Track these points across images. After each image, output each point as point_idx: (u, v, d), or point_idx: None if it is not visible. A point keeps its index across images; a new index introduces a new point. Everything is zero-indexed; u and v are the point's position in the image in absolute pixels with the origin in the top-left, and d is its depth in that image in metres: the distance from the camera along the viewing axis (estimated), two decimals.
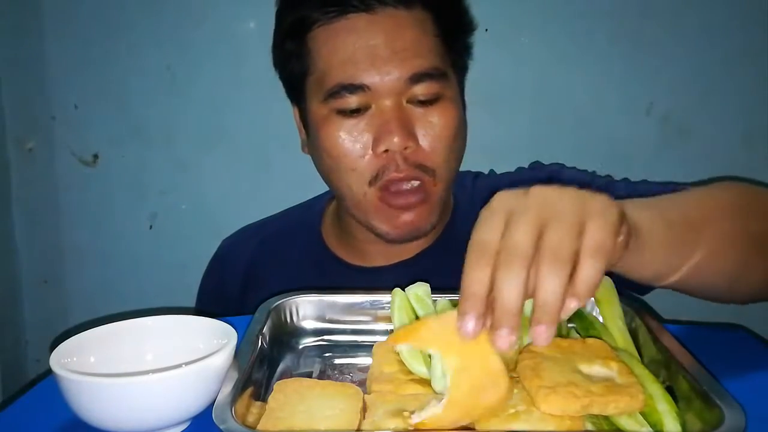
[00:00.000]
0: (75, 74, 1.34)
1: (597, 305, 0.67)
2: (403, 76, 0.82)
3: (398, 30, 0.83)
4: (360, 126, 0.84)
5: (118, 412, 0.52)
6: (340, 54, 0.84)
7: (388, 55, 0.82)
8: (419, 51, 0.84)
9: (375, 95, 0.83)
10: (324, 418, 0.53)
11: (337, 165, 0.86)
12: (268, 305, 0.69)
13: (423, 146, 0.84)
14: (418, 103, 0.84)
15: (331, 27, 0.85)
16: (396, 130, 0.81)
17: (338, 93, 0.83)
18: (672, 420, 0.51)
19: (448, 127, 0.85)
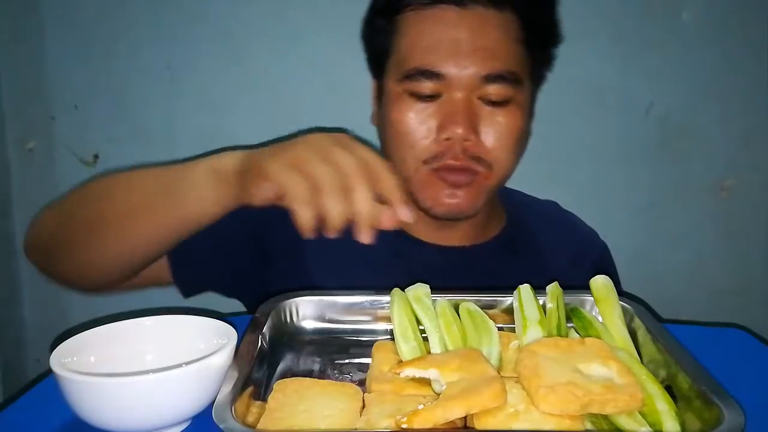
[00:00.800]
0: (75, 74, 1.34)
1: (596, 305, 0.67)
2: (479, 74, 0.85)
3: (483, 28, 0.86)
4: (428, 111, 0.87)
5: (118, 412, 0.52)
6: (423, 40, 0.87)
7: (468, 50, 0.85)
8: (499, 52, 0.86)
9: (448, 85, 0.86)
10: (324, 417, 0.53)
11: (399, 140, 0.89)
12: (269, 305, 0.69)
13: (484, 141, 0.87)
14: (487, 102, 0.87)
15: (421, 13, 0.88)
16: (461, 121, 0.85)
17: (414, 77, 0.87)
18: (671, 419, 0.51)
19: (512, 130, 0.88)
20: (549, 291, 0.67)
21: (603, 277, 0.67)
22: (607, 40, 1.33)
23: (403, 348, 0.61)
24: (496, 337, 0.62)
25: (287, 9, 1.31)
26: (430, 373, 0.55)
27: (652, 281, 1.38)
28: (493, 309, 0.70)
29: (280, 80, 1.34)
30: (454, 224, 0.96)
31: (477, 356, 0.57)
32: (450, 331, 0.63)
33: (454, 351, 0.59)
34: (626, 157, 1.38)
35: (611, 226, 1.18)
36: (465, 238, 0.99)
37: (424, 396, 0.55)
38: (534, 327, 0.62)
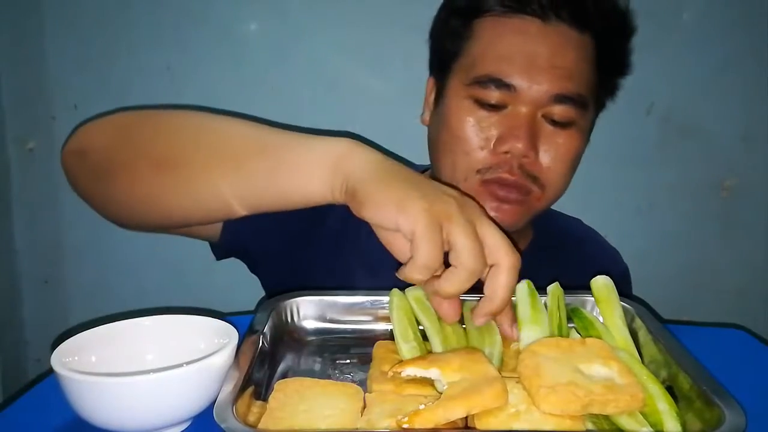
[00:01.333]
0: (75, 74, 1.34)
1: (597, 305, 0.67)
2: (550, 92, 0.83)
3: (563, 47, 0.84)
4: (491, 120, 0.85)
5: (119, 412, 0.52)
6: (500, 48, 0.85)
7: (545, 66, 0.83)
8: (573, 74, 0.84)
9: (516, 98, 0.84)
10: (324, 417, 0.53)
11: (454, 144, 0.87)
12: (269, 305, 0.69)
13: (541, 161, 0.86)
14: (551, 122, 0.85)
15: (502, 20, 0.86)
16: (523, 137, 0.83)
17: (484, 83, 0.85)
18: (672, 420, 0.51)
19: (570, 154, 0.87)
20: (550, 291, 0.67)
21: (604, 277, 0.67)
22: None
23: (403, 348, 0.61)
24: (498, 338, 0.62)
25: (287, 9, 1.31)
26: (432, 373, 0.55)
27: (652, 281, 1.38)
28: None
29: (280, 80, 1.34)
30: None
31: (478, 356, 0.57)
32: (455, 331, 0.63)
33: (455, 350, 0.59)
34: (627, 157, 1.38)
35: (611, 227, 1.18)
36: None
37: (425, 396, 0.55)
38: (527, 326, 0.61)
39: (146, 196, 0.75)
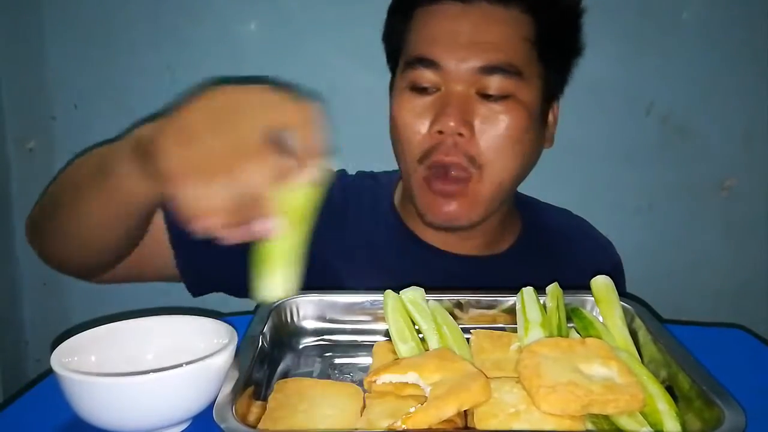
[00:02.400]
0: (75, 74, 1.34)
1: (597, 305, 0.67)
2: (476, 65, 0.84)
3: (486, 23, 0.86)
4: (426, 104, 0.86)
5: (119, 412, 0.52)
6: (427, 32, 0.88)
7: (466, 41, 0.85)
8: (499, 45, 0.85)
9: (446, 77, 0.85)
10: (324, 417, 0.53)
11: (396, 136, 0.90)
12: (269, 305, 0.69)
13: (478, 139, 0.85)
14: (487, 97, 0.85)
15: (429, 9, 0.89)
16: (453, 113, 0.83)
17: (413, 65, 0.87)
18: (672, 420, 0.51)
19: (511, 128, 0.85)
20: (549, 291, 0.67)
21: (603, 277, 0.68)
22: (607, 40, 1.32)
23: (401, 348, 0.61)
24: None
25: (287, 10, 1.31)
26: (409, 377, 0.55)
27: (652, 281, 1.38)
28: (493, 309, 0.71)
29: (280, 80, 1.34)
30: (464, 233, 0.94)
31: (451, 354, 0.57)
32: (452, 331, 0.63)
33: (426, 353, 0.59)
34: (626, 157, 1.38)
35: (611, 226, 1.18)
36: (479, 247, 0.97)
37: (425, 396, 0.55)
38: (535, 329, 0.62)
39: (54, 234, 0.80)
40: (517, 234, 1.02)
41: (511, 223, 1.02)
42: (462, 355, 0.59)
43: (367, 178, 1.06)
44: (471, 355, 0.61)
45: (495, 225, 0.96)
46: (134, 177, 0.63)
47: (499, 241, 0.99)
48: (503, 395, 0.53)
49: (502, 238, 1.00)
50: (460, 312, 0.70)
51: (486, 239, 0.97)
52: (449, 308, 0.69)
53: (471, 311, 0.71)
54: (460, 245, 0.96)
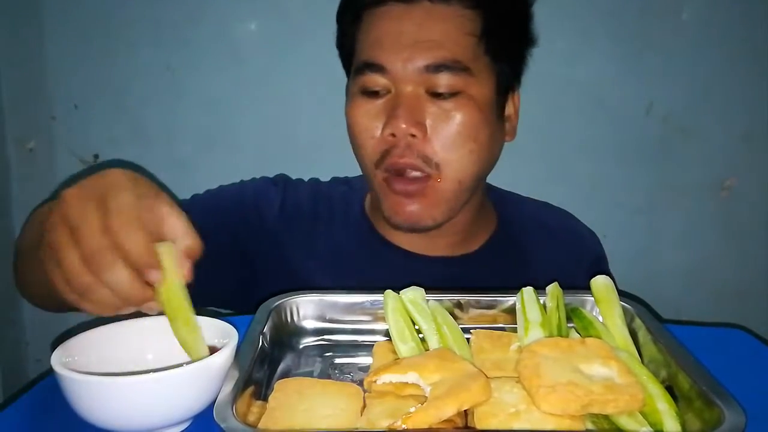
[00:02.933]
0: (75, 74, 1.34)
1: (597, 305, 0.67)
2: (421, 64, 0.84)
3: (428, 21, 0.85)
4: (377, 108, 0.86)
5: (119, 412, 0.52)
6: (371, 36, 0.88)
7: (410, 42, 0.84)
8: (443, 43, 0.84)
9: (395, 79, 0.85)
10: (324, 417, 0.53)
11: (353, 141, 0.90)
12: (269, 305, 0.69)
13: (431, 138, 0.84)
14: (437, 96, 0.84)
15: (372, 12, 0.89)
16: (403, 115, 0.83)
17: (361, 70, 0.87)
18: (672, 419, 0.51)
19: (463, 124, 0.84)
20: (549, 291, 0.67)
21: (603, 277, 0.67)
22: (607, 40, 1.33)
23: (401, 348, 0.61)
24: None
25: (287, 9, 1.32)
26: (409, 377, 0.55)
27: (652, 281, 1.38)
28: (493, 309, 0.71)
29: (279, 80, 1.34)
30: (434, 234, 0.93)
31: (451, 354, 0.57)
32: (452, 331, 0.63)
33: (427, 353, 0.59)
34: (626, 157, 1.38)
35: (611, 226, 1.18)
36: (450, 247, 0.97)
37: (425, 396, 0.55)
38: (535, 329, 0.62)
39: (28, 285, 0.84)
40: (491, 231, 1.01)
41: (484, 219, 1.01)
42: (462, 355, 0.59)
43: (341, 184, 1.07)
44: (471, 355, 0.61)
45: (464, 223, 0.95)
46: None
47: (470, 240, 0.98)
48: (503, 395, 0.53)
49: (474, 236, 0.99)
50: (460, 312, 0.70)
51: (456, 238, 0.97)
52: (449, 308, 0.69)
53: (471, 311, 0.71)
54: (430, 246, 0.96)
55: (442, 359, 0.56)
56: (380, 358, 0.62)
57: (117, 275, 0.51)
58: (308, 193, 1.02)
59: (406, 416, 0.49)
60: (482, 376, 0.53)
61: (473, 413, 0.51)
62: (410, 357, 0.59)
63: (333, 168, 1.11)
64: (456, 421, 0.51)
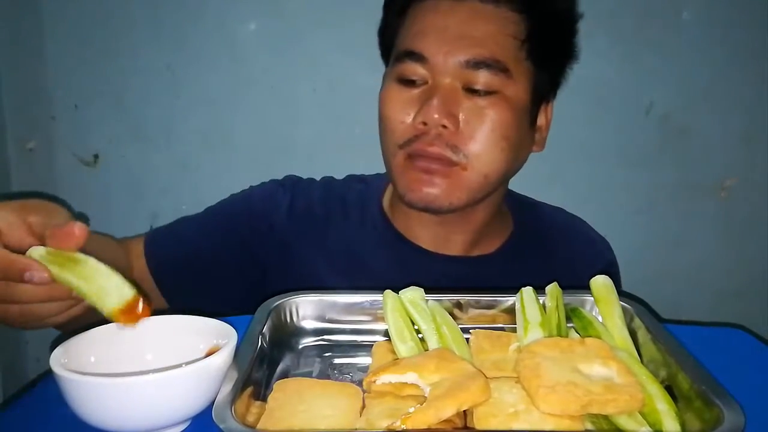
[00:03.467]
0: (75, 74, 1.34)
1: (596, 305, 0.67)
2: (462, 59, 0.85)
3: (474, 19, 0.86)
4: (412, 96, 0.87)
5: (118, 412, 0.52)
6: (416, 26, 0.89)
7: (454, 37, 0.85)
8: (486, 41, 0.85)
9: (433, 70, 0.86)
10: (324, 417, 0.53)
11: (382, 125, 0.90)
12: (268, 305, 0.69)
13: (463, 131, 0.85)
14: (473, 92, 0.85)
15: (420, 6, 0.90)
16: (437, 105, 0.84)
17: (401, 58, 0.88)
18: (671, 419, 0.51)
19: (496, 123, 0.85)
20: (548, 291, 0.67)
21: (603, 277, 0.68)
22: (607, 40, 1.33)
23: (400, 348, 0.61)
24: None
25: (287, 9, 1.31)
26: (408, 377, 0.55)
27: (651, 281, 1.38)
28: (493, 309, 0.71)
29: (279, 80, 1.34)
30: (450, 228, 0.94)
31: (451, 355, 0.57)
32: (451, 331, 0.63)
33: (426, 353, 0.59)
34: (626, 158, 1.38)
35: (611, 226, 1.18)
36: (467, 247, 0.97)
37: (424, 396, 0.55)
38: (535, 329, 0.62)
39: None
40: (508, 234, 1.02)
41: (501, 222, 1.02)
42: (461, 355, 0.59)
43: (356, 181, 1.07)
44: (470, 355, 0.61)
45: (482, 221, 0.96)
46: None
47: (487, 240, 0.99)
48: (503, 395, 0.53)
49: (491, 237, 1.00)
50: (460, 312, 0.70)
51: (472, 237, 0.97)
52: (449, 308, 0.69)
53: (470, 311, 0.71)
54: (447, 244, 0.96)
55: (441, 359, 0.56)
56: (379, 358, 0.62)
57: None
58: (320, 192, 1.03)
59: (406, 416, 0.49)
60: (481, 377, 0.53)
61: (472, 413, 0.51)
62: (409, 357, 0.59)
63: (333, 168, 1.12)
64: (455, 422, 0.51)
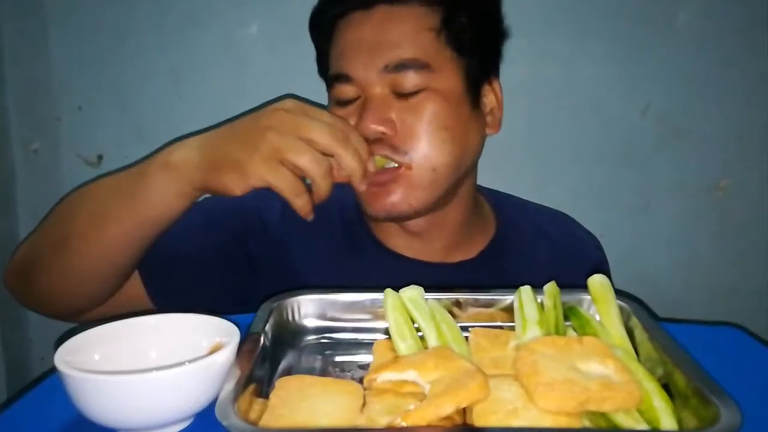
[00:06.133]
0: (80, 76, 1.35)
1: (594, 304, 0.67)
2: (380, 65, 0.85)
3: (386, 24, 0.86)
4: (349, 114, 0.87)
5: (122, 409, 0.52)
6: (337, 47, 0.90)
7: (369, 47, 0.86)
8: (401, 42, 0.85)
9: (361, 85, 0.86)
10: (325, 414, 0.53)
11: None
12: (270, 304, 0.69)
13: (400, 132, 0.85)
14: (403, 96, 0.85)
15: (338, 24, 0.91)
16: (370, 116, 0.84)
17: (332, 84, 0.90)
18: (668, 417, 0.51)
19: (430, 116, 0.85)
20: (546, 290, 0.67)
21: (600, 276, 0.68)
22: (604, 41, 1.33)
23: (401, 346, 0.61)
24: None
25: (289, 11, 1.32)
26: (408, 375, 0.55)
27: (648, 280, 1.38)
28: (492, 307, 0.71)
29: (283, 83, 1.35)
30: (426, 236, 0.94)
31: (450, 353, 0.57)
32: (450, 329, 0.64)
33: (426, 351, 0.60)
34: (623, 158, 1.38)
35: (607, 226, 1.18)
36: (447, 252, 0.96)
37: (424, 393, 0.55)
38: (533, 327, 0.62)
39: (57, 276, 0.83)
40: (491, 236, 1.00)
41: (481, 223, 1.00)
42: (460, 353, 0.60)
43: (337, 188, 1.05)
44: (469, 353, 0.61)
45: (456, 224, 0.95)
46: (171, 194, 0.76)
47: (468, 245, 0.98)
48: (501, 393, 0.53)
49: (472, 240, 0.98)
50: (459, 310, 0.71)
51: (450, 241, 0.96)
52: (448, 307, 0.69)
53: (469, 310, 0.71)
54: (426, 251, 0.96)
55: (440, 357, 0.56)
56: (380, 356, 0.62)
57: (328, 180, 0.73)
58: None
59: (406, 414, 0.49)
60: (480, 374, 0.53)
61: (472, 411, 0.52)
62: (409, 355, 0.59)
63: None
64: (455, 419, 0.51)
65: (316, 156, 0.71)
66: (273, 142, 0.70)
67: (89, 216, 0.81)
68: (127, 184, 0.79)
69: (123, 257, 0.82)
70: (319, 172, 0.71)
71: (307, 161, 0.70)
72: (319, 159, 0.71)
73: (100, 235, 0.79)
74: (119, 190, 0.80)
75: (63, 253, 0.81)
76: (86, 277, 0.82)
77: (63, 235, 0.82)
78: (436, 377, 0.54)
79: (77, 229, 0.81)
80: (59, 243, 0.82)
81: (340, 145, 0.72)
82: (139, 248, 0.82)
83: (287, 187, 0.71)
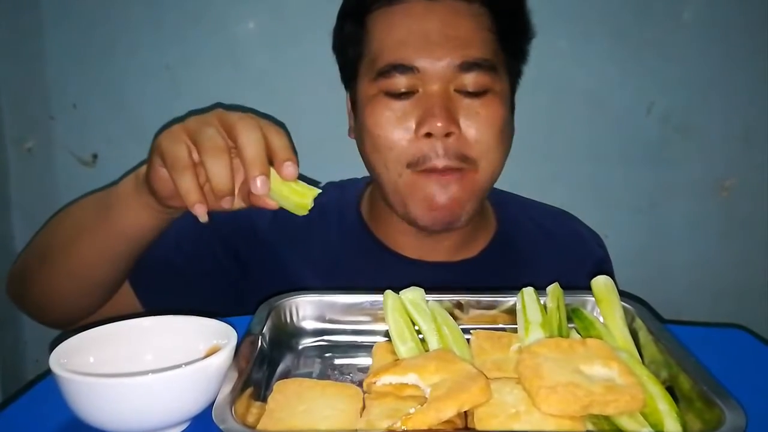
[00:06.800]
0: (74, 74, 1.34)
1: (597, 305, 0.67)
2: (453, 63, 0.83)
3: (454, 19, 0.85)
4: (406, 108, 0.84)
5: (117, 413, 0.52)
6: (394, 35, 0.85)
7: (440, 40, 0.83)
8: (472, 41, 0.84)
9: (423, 79, 0.83)
10: (324, 418, 0.53)
11: (377, 143, 0.86)
12: (268, 305, 0.69)
13: (466, 136, 0.84)
14: (465, 94, 0.84)
15: (389, 10, 0.87)
16: (440, 114, 0.81)
17: (388, 73, 0.84)
18: (672, 420, 0.51)
19: (494, 120, 0.85)
20: (549, 291, 0.67)
21: (604, 277, 0.67)
22: (607, 40, 1.33)
23: (401, 349, 0.61)
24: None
25: (286, 8, 1.31)
26: (409, 378, 0.54)
27: (652, 281, 1.38)
28: (494, 309, 0.70)
29: (279, 80, 1.34)
30: (438, 236, 0.92)
31: (451, 356, 0.57)
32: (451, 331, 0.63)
33: (426, 354, 0.59)
34: (627, 157, 1.38)
35: (612, 226, 1.18)
36: (451, 251, 0.96)
37: (425, 397, 0.55)
38: (536, 329, 0.62)
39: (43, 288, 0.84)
40: (492, 234, 1.00)
41: (484, 222, 1.00)
42: (462, 355, 0.59)
43: (333, 189, 1.04)
44: (471, 356, 0.61)
45: (469, 226, 0.94)
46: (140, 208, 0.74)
47: (471, 243, 0.97)
48: (503, 396, 0.53)
49: (474, 239, 0.98)
50: (461, 312, 0.70)
51: (457, 240, 0.95)
52: (449, 309, 0.69)
53: (471, 311, 0.71)
54: (431, 251, 0.95)
55: (441, 360, 0.56)
56: (380, 358, 0.62)
57: (220, 163, 0.61)
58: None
59: (406, 417, 0.49)
60: (482, 377, 0.52)
61: (473, 414, 0.51)
62: (410, 358, 0.59)
63: (333, 168, 1.11)
64: (456, 422, 0.51)
65: (218, 134, 0.64)
66: (186, 123, 0.67)
67: (70, 230, 0.81)
68: (105, 197, 0.79)
69: (102, 271, 0.81)
70: (216, 150, 0.63)
71: (208, 135, 0.64)
72: (219, 138, 0.63)
73: (78, 250, 0.79)
74: (97, 204, 0.80)
75: (48, 265, 0.82)
76: (71, 289, 0.83)
77: (48, 247, 0.83)
78: (437, 380, 0.53)
79: (59, 242, 0.82)
80: (45, 256, 0.83)
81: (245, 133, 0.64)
82: (118, 263, 0.81)
83: (175, 157, 0.64)
